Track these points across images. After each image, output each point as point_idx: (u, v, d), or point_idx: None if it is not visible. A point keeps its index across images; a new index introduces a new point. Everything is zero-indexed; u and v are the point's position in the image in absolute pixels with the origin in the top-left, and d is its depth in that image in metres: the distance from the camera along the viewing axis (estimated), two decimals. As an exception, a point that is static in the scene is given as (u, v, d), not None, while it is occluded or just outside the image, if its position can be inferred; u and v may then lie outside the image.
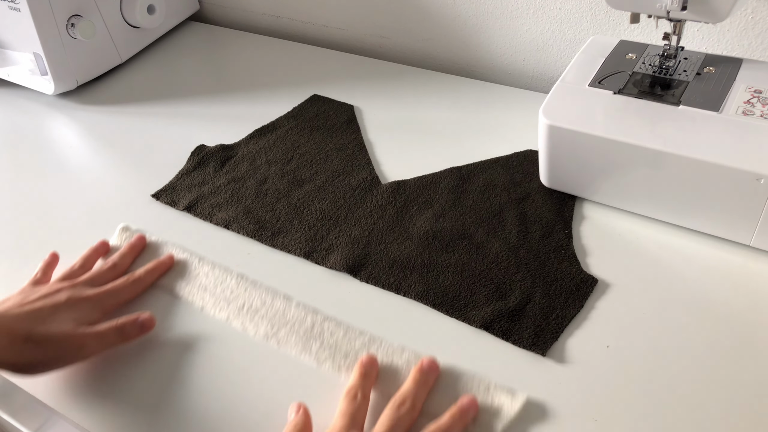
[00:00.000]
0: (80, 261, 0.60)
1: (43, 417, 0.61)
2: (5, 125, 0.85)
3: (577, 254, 0.58)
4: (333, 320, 0.54)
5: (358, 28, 0.94)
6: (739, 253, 0.56)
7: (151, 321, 0.54)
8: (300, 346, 0.52)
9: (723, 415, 0.45)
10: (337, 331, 0.53)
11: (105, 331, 0.52)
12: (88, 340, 0.51)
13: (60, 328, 0.50)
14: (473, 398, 0.46)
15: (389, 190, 0.66)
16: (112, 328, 0.52)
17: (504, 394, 0.47)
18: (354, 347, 0.52)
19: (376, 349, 0.51)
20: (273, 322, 0.54)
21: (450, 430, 0.44)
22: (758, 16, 0.67)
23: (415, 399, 0.46)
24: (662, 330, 0.51)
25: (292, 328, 0.54)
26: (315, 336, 0.53)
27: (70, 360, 0.51)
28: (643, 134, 0.55)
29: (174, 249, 0.62)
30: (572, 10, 0.76)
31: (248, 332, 0.54)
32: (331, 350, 0.52)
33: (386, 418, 0.45)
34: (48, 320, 0.50)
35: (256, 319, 0.55)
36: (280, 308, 0.55)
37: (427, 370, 0.48)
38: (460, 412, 0.45)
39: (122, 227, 0.65)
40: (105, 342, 0.52)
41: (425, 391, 0.47)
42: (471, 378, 0.49)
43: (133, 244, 0.62)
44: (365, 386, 0.47)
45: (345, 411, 0.45)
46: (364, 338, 0.52)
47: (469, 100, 0.79)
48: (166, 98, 0.87)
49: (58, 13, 0.82)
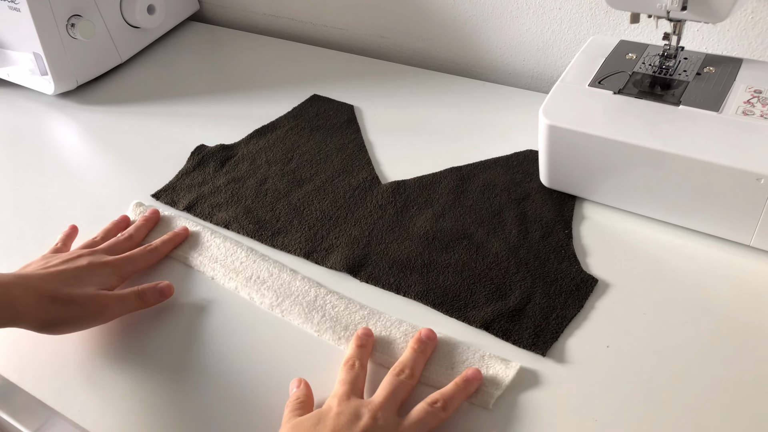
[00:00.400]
0: (101, 233, 0.63)
1: (43, 417, 0.61)
2: (5, 125, 0.85)
3: (577, 254, 0.58)
4: (335, 294, 0.56)
5: (358, 28, 0.94)
6: (739, 253, 0.56)
7: (170, 288, 0.57)
8: (303, 317, 0.55)
9: (723, 415, 0.45)
10: (339, 304, 0.55)
11: (126, 295, 0.54)
12: (110, 302, 0.53)
13: (84, 290, 0.53)
14: (477, 370, 0.48)
15: (389, 190, 0.66)
16: (133, 292, 0.55)
17: (498, 362, 0.49)
18: (354, 320, 0.54)
19: (375, 323, 0.53)
20: (278, 293, 0.57)
21: (453, 399, 0.46)
22: (758, 16, 0.67)
23: (413, 367, 0.48)
24: (662, 330, 0.51)
25: (296, 299, 0.56)
26: (317, 308, 0.55)
27: (92, 321, 0.53)
28: (643, 134, 0.55)
29: (188, 222, 0.65)
30: (572, 10, 0.76)
31: (255, 301, 0.57)
32: (332, 322, 0.54)
33: (386, 383, 0.47)
34: (72, 282, 0.53)
35: (263, 290, 0.57)
36: (286, 280, 0.58)
37: (425, 340, 0.50)
38: (464, 382, 0.47)
39: (136, 203, 0.68)
40: (126, 306, 0.54)
41: (423, 360, 0.49)
42: (467, 348, 0.51)
43: (148, 217, 0.65)
44: (362, 356, 0.50)
45: (345, 379, 0.47)
46: (364, 312, 0.54)
47: (469, 100, 0.79)
48: (166, 98, 0.87)
49: (58, 13, 0.82)
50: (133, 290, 0.55)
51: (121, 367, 0.53)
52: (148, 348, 0.54)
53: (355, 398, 0.46)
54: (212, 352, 0.53)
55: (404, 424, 0.44)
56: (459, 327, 0.53)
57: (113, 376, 0.52)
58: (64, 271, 0.53)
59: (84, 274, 0.54)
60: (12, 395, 0.59)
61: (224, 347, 0.53)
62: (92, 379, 0.52)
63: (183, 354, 0.53)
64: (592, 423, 0.46)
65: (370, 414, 0.44)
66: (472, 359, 0.50)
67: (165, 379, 0.52)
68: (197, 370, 0.52)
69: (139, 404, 0.50)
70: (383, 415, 0.44)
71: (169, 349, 0.54)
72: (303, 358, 0.52)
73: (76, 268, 0.54)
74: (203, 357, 0.53)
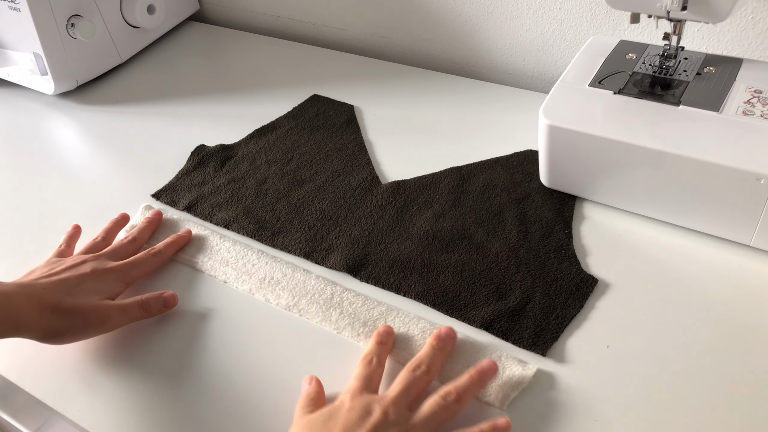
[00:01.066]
0: (102, 233, 0.63)
1: (43, 417, 0.61)
2: (5, 125, 0.85)
3: (577, 254, 0.58)
4: (351, 291, 0.56)
5: (358, 28, 0.94)
6: (739, 253, 0.56)
7: (174, 298, 0.56)
8: (321, 315, 0.55)
9: (723, 415, 0.45)
10: (356, 301, 0.55)
11: (129, 306, 0.54)
12: (113, 312, 0.53)
13: (86, 300, 0.52)
14: (493, 362, 0.48)
15: (389, 190, 0.66)
16: (136, 302, 0.54)
17: (516, 364, 0.49)
18: (372, 316, 0.54)
19: (393, 318, 0.54)
20: (294, 293, 0.57)
21: (468, 391, 0.45)
22: (758, 16, 0.67)
23: (430, 363, 0.47)
24: (662, 330, 0.51)
25: (312, 298, 0.56)
26: (335, 305, 0.55)
27: (94, 331, 0.52)
28: (643, 134, 0.55)
29: (193, 225, 0.65)
30: (572, 10, 0.76)
31: (270, 302, 0.57)
32: (350, 318, 0.54)
33: (400, 378, 0.46)
34: (74, 291, 0.52)
35: (278, 290, 0.57)
36: (301, 280, 0.58)
37: (444, 338, 0.50)
38: (478, 374, 0.47)
39: (145, 206, 0.68)
40: (128, 316, 0.54)
41: (441, 358, 0.49)
42: (485, 348, 0.50)
43: (151, 219, 0.65)
44: (381, 353, 0.49)
45: (361, 374, 0.47)
46: (382, 308, 0.55)
47: (469, 100, 0.79)
48: (166, 98, 0.87)
49: (58, 13, 0.82)
50: (136, 300, 0.54)
51: (122, 368, 0.53)
52: (154, 350, 0.54)
53: (368, 394, 0.45)
54: (227, 359, 0.52)
55: (415, 419, 0.43)
56: (459, 327, 0.53)
57: (114, 377, 0.52)
58: (67, 279, 0.53)
59: (88, 281, 0.54)
60: (12, 395, 0.59)
61: (232, 349, 0.53)
62: (92, 380, 0.52)
63: (186, 356, 0.53)
64: (592, 423, 0.46)
65: (382, 409, 0.43)
66: None
67: (166, 380, 0.52)
68: (202, 371, 0.52)
69: (140, 404, 0.50)
70: (395, 410, 0.43)
71: (174, 351, 0.54)
72: (323, 358, 0.52)
73: (80, 275, 0.54)
74: (209, 359, 0.53)
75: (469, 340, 0.51)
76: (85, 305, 0.52)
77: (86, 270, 0.55)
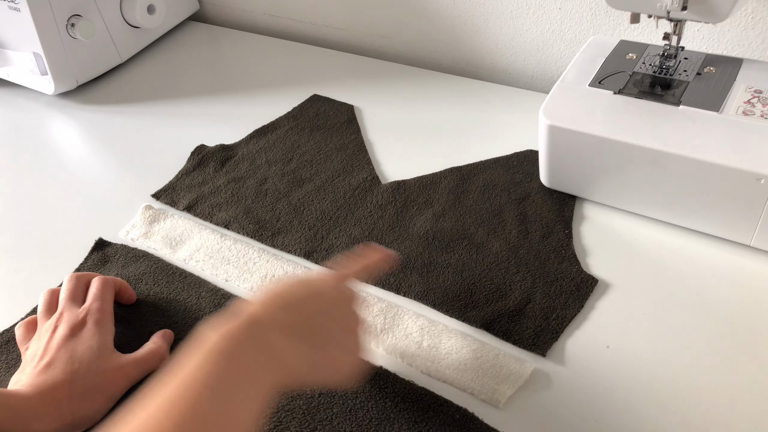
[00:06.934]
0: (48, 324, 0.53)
1: None
2: (5, 125, 0.85)
3: (577, 254, 0.58)
4: None
5: (358, 28, 0.94)
6: (739, 253, 0.56)
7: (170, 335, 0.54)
8: None
9: (723, 415, 0.45)
10: None
11: (146, 356, 0.51)
12: (126, 382, 0.50)
13: (98, 365, 0.49)
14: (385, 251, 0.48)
15: (389, 190, 0.66)
16: (152, 352, 0.51)
17: (513, 361, 0.49)
18: (372, 312, 0.54)
19: (393, 315, 0.54)
20: None
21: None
22: (758, 16, 0.67)
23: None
24: (662, 330, 0.51)
25: None
26: None
27: (118, 392, 0.49)
28: (644, 134, 0.55)
29: (192, 224, 0.65)
30: (572, 10, 0.76)
31: None
32: None
33: None
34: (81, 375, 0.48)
35: None
36: None
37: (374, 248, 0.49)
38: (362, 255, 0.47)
39: (145, 206, 0.67)
40: (148, 366, 0.51)
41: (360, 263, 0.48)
42: (481, 345, 0.51)
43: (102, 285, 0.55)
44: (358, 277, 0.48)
45: None
46: (382, 305, 0.55)
47: (469, 100, 0.79)
48: (166, 98, 0.87)
49: (58, 13, 0.82)
50: (150, 350, 0.51)
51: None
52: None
53: None
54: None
55: None
56: (459, 327, 0.53)
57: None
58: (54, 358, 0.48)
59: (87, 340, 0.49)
60: (12, 395, 0.59)
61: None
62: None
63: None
64: (593, 423, 0.46)
65: None
66: (486, 357, 0.50)
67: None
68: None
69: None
70: None
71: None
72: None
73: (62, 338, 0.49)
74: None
75: (465, 338, 0.51)
76: (97, 373, 0.48)
77: (65, 332, 0.49)
